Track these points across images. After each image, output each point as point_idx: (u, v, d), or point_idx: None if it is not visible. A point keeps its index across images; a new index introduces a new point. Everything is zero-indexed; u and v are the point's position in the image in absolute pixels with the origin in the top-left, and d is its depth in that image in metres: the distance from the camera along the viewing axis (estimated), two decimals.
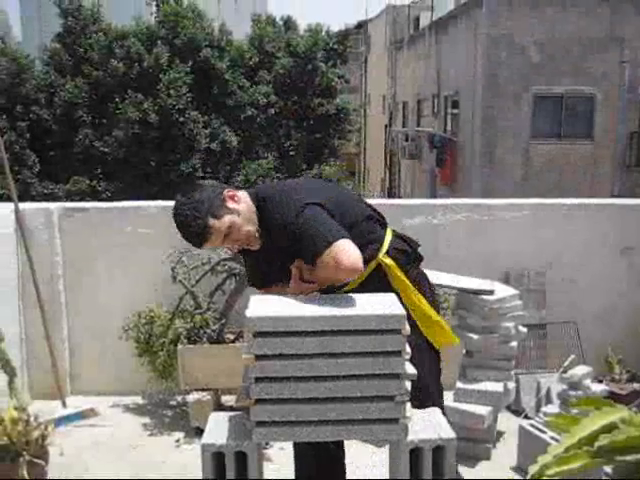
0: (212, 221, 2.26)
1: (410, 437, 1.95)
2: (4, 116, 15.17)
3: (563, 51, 15.75)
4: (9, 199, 4.20)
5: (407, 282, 2.38)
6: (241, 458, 1.99)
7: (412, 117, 23.93)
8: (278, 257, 2.33)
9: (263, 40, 17.39)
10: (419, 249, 2.52)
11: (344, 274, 2.12)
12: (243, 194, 2.36)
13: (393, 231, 2.50)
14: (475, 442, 3.49)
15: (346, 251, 2.09)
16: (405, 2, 27.16)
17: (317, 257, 2.12)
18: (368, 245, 2.35)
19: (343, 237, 2.13)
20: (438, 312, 2.51)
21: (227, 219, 2.27)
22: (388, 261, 2.38)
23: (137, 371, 4.12)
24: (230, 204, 2.29)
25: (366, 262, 2.28)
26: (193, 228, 2.29)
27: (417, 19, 25.50)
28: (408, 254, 2.46)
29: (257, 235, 2.33)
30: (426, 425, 2.03)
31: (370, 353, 1.90)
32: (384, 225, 2.50)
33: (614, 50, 15.77)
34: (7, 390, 3.45)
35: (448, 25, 19.43)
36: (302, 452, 2.57)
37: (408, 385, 1.94)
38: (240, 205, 2.31)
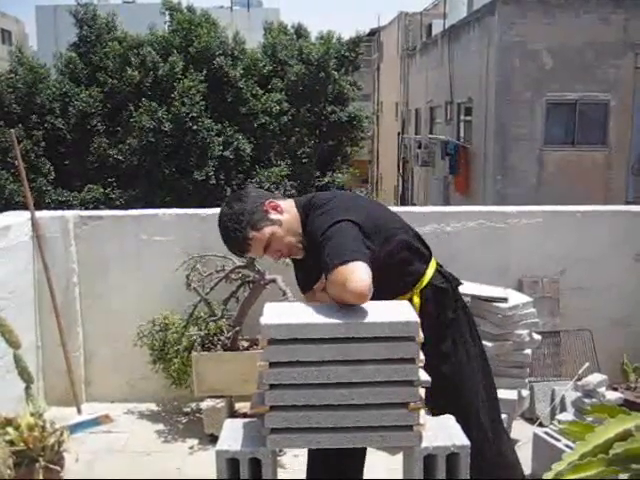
0: (252, 233, 2.28)
1: (424, 444, 1.95)
2: (20, 125, 15.31)
3: (576, 57, 15.69)
4: (25, 207, 4.25)
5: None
6: (255, 465, 2.00)
7: (425, 124, 23.91)
8: (317, 268, 2.28)
9: (276, 48, 17.48)
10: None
11: (349, 296, 2.00)
12: (288, 204, 2.36)
13: (437, 264, 2.44)
14: None
15: (357, 274, 1.99)
16: (417, 9, 27.20)
17: (328, 272, 2.05)
18: (403, 277, 2.32)
19: (361, 260, 2.03)
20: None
21: (267, 230, 2.28)
22: (416, 300, 2.33)
23: (151, 378, 4.14)
24: (272, 215, 2.30)
25: (398, 295, 2.27)
26: (233, 239, 2.32)
27: (429, 26, 25.52)
28: (447, 293, 2.38)
29: (300, 245, 2.33)
30: (441, 432, 2.03)
31: (384, 360, 1.90)
32: (427, 257, 2.42)
33: (628, 56, 15.70)
34: (24, 396, 3.48)
35: (461, 32, 19.42)
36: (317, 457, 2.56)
37: (422, 392, 1.94)
38: (283, 215, 2.32)
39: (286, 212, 2.33)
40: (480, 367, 2.47)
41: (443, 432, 2.03)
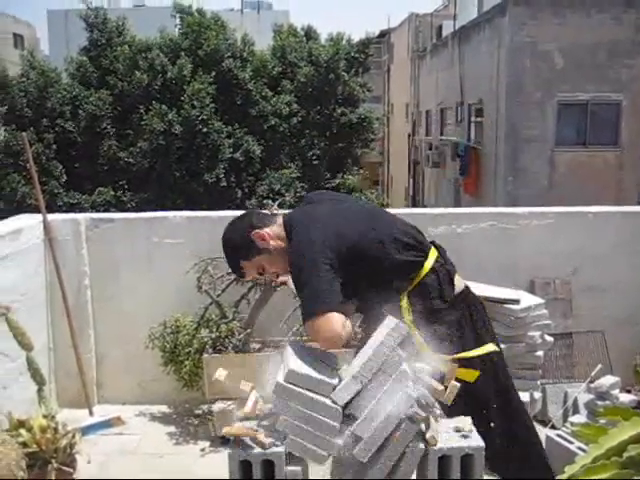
0: (243, 262, 2.44)
1: (438, 445, 1.95)
2: (32, 128, 15.40)
3: (588, 57, 15.62)
4: (37, 210, 4.27)
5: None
6: (268, 467, 2.01)
7: (435, 126, 23.87)
8: None
9: (285, 50, 17.49)
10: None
11: (322, 344, 2.21)
12: (276, 228, 2.43)
13: (437, 256, 2.44)
14: None
15: (328, 326, 2.15)
16: (428, 11, 27.17)
17: (304, 321, 2.24)
18: (393, 279, 2.34)
19: (330, 309, 2.16)
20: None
21: (256, 260, 2.41)
22: (404, 303, 2.34)
23: (163, 380, 4.15)
24: (259, 244, 2.39)
25: (397, 291, 2.34)
26: (230, 265, 2.51)
27: (440, 28, 25.47)
28: (434, 285, 2.38)
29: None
30: (456, 433, 2.03)
31: None
32: (423, 255, 2.41)
33: None
34: (36, 398, 3.49)
35: (471, 33, 19.38)
36: None
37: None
38: (270, 243, 2.40)
39: (273, 238, 2.41)
40: (493, 368, 2.46)
41: (458, 433, 2.03)
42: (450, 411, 2.16)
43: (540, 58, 15.80)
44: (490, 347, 2.44)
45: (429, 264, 2.40)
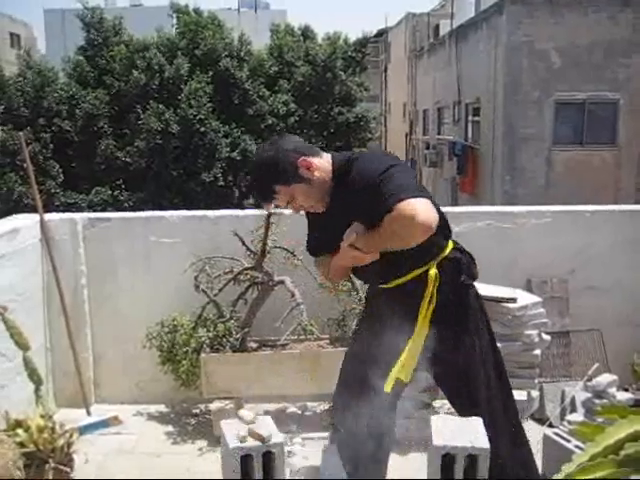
0: (279, 187, 2.28)
1: (442, 443, 1.96)
2: (28, 128, 15.38)
3: (585, 57, 15.63)
4: (34, 209, 4.26)
5: (430, 309, 2.36)
6: (267, 461, 2.03)
7: (433, 125, 23.88)
8: (341, 225, 2.32)
9: (282, 49, 17.49)
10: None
11: (418, 229, 2.07)
12: (324, 160, 2.36)
13: (454, 243, 2.50)
14: None
15: (426, 208, 2.08)
16: (425, 10, 27.18)
17: (395, 204, 2.07)
18: (427, 251, 2.35)
19: (426, 198, 2.12)
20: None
21: (295, 187, 2.28)
22: (432, 272, 2.36)
23: (160, 380, 4.15)
24: (303, 172, 2.29)
25: (418, 266, 2.34)
26: (261, 188, 2.32)
27: (437, 27, 25.49)
28: (460, 262, 2.45)
29: (324, 202, 2.35)
30: (461, 433, 2.04)
31: None
32: (449, 234, 2.48)
33: (638, 54, 15.63)
34: (33, 398, 3.49)
35: (468, 32, 19.39)
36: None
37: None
38: (314, 174, 2.31)
39: (318, 170, 2.32)
40: (492, 358, 2.49)
41: (465, 433, 2.04)
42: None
43: (537, 57, 15.81)
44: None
45: (452, 243, 2.47)
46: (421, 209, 2.06)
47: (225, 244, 4.05)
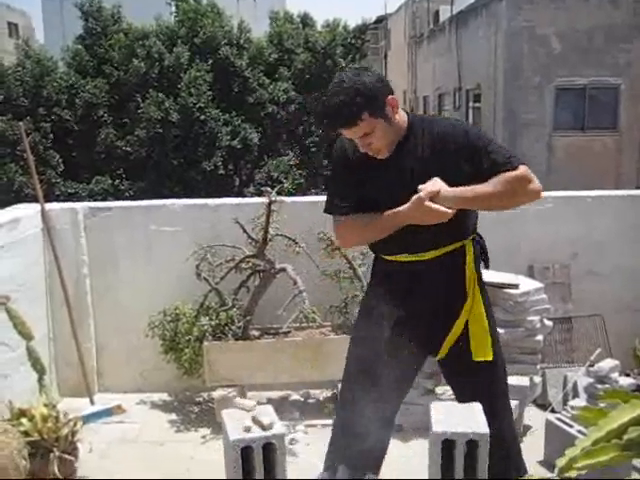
0: (366, 115, 2.20)
1: (443, 429, 1.96)
2: (28, 117, 15.33)
3: (586, 41, 15.56)
4: (35, 199, 4.26)
5: (476, 275, 2.42)
6: (267, 453, 2.02)
7: (433, 112, 23.79)
8: (401, 180, 2.28)
9: (282, 37, 17.40)
10: None
11: (531, 195, 2.27)
12: (401, 110, 2.35)
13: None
14: None
15: (535, 178, 2.26)
16: None
17: (519, 165, 2.23)
18: (469, 226, 2.44)
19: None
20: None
21: (376, 121, 2.23)
22: (470, 247, 2.42)
23: (163, 368, 4.16)
24: (389, 111, 2.26)
25: (457, 239, 2.38)
26: (349, 112, 2.20)
27: (437, 13, 25.33)
28: (483, 248, 2.54)
29: (390, 149, 2.30)
30: (462, 419, 2.04)
31: None
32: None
33: (638, 39, 15.55)
34: (37, 388, 3.50)
35: (468, 18, 19.29)
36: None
37: None
38: (395, 116, 2.29)
39: (399, 115, 2.31)
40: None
41: (465, 419, 2.04)
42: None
43: (538, 42, 15.73)
44: None
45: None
46: (534, 179, 2.26)
47: (226, 232, 4.05)
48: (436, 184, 2.20)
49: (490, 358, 2.39)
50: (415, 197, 2.19)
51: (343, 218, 2.38)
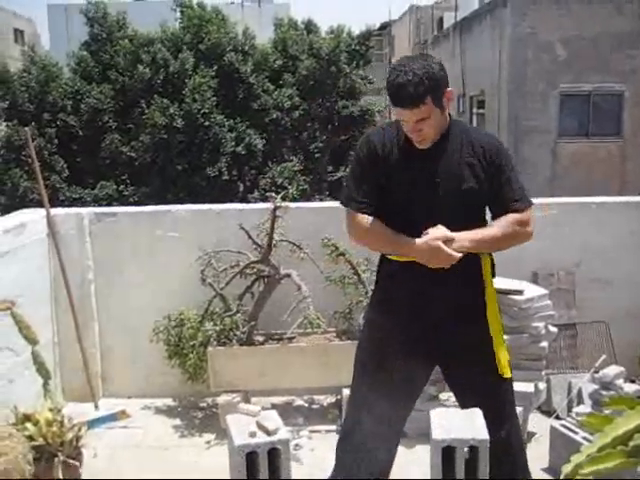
0: (429, 99, 2.24)
1: (443, 435, 1.96)
2: (33, 123, 15.38)
3: (590, 48, 15.55)
4: (40, 204, 4.27)
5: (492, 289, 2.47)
6: (272, 458, 2.02)
7: None
8: (432, 178, 2.33)
9: (286, 43, 17.43)
10: None
11: (526, 239, 2.41)
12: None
13: None
14: None
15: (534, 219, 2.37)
16: (429, 3, 27.08)
17: (527, 208, 2.36)
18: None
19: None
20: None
21: (433, 109, 2.27)
22: (487, 257, 2.47)
23: (167, 373, 4.16)
24: (444, 101, 2.32)
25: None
26: (416, 91, 2.23)
27: (441, 19, 25.39)
28: (492, 259, 2.56)
29: (434, 139, 2.34)
30: (463, 425, 2.04)
31: None
32: None
33: None
34: (42, 392, 3.50)
35: (472, 25, 19.31)
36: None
37: None
38: (447, 110, 2.36)
39: (448, 110, 2.37)
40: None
41: (464, 425, 2.04)
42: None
43: (542, 49, 15.73)
44: None
45: None
46: (531, 223, 2.38)
47: (231, 238, 4.06)
48: (440, 231, 2.27)
49: (510, 375, 2.43)
50: (432, 243, 2.26)
51: (360, 215, 2.39)
